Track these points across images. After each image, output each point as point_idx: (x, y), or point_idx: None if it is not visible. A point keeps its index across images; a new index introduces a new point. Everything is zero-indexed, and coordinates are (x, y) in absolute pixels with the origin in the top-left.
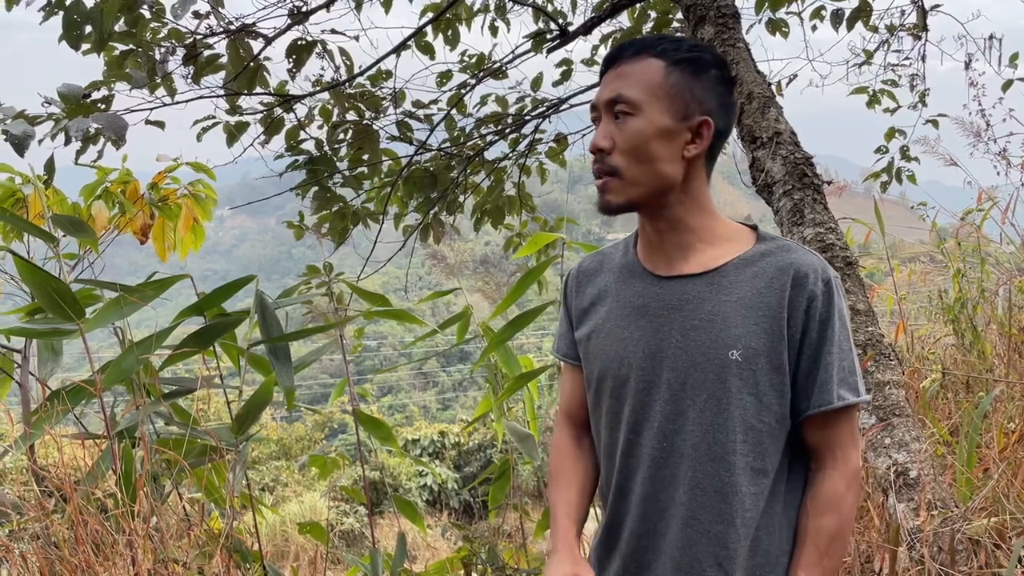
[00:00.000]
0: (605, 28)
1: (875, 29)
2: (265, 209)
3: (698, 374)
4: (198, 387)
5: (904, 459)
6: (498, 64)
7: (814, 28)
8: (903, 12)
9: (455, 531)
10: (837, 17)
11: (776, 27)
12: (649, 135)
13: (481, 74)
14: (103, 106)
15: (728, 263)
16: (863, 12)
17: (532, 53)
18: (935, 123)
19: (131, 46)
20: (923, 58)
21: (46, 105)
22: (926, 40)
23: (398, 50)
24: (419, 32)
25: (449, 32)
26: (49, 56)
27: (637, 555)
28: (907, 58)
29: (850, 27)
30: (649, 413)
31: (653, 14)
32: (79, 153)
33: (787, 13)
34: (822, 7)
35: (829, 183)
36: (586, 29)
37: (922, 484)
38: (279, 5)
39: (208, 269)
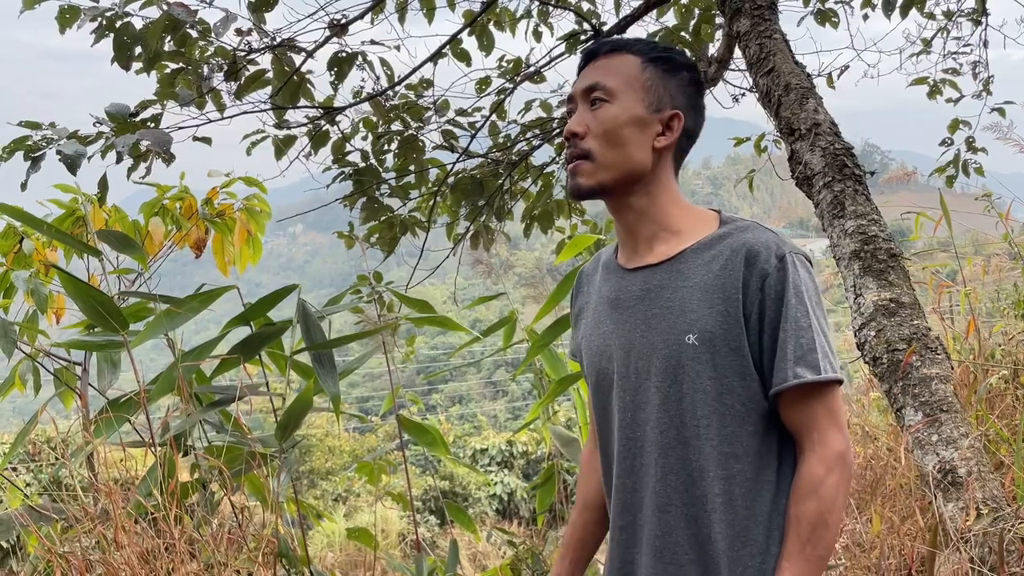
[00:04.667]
0: (650, 27)
1: (932, 16)
2: (336, 224)
3: (659, 361)
4: (238, 395)
5: (952, 456)
6: (534, 68)
7: (865, 17)
8: None
9: (500, 536)
10: (889, 5)
11: (825, 18)
12: (622, 121)
13: (519, 78)
14: (152, 124)
15: (687, 249)
16: None
17: (567, 55)
18: (1002, 111)
19: (180, 64)
20: (985, 44)
21: (97, 125)
22: (987, 25)
23: (434, 58)
24: (454, 39)
25: (484, 38)
26: (131, 85)
27: (622, 548)
28: (967, 45)
29: (904, 15)
30: (621, 404)
31: (697, 11)
32: (131, 170)
33: (836, 3)
34: None
35: (872, 173)
36: (620, 28)
37: (969, 483)
38: (316, 18)
39: (282, 285)
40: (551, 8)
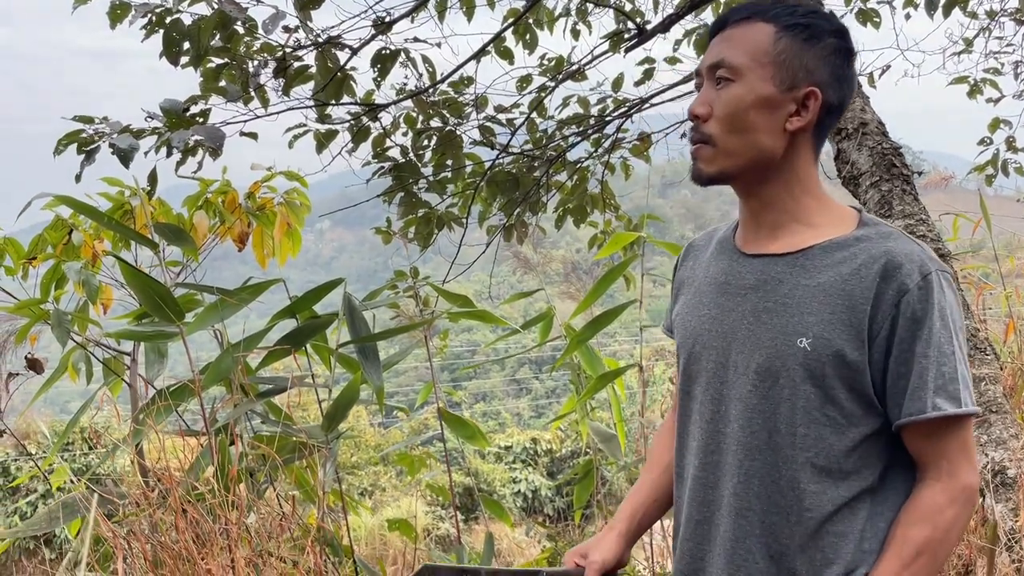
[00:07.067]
0: (689, 24)
1: (974, 15)
2: (362, 221)
3: (762, 359)
4: (289, 386)
5: (1001, 457)
6: (576, 66)
7: (907, 16)
8: None
9: (539, 531)
10: (932, 4)
11: (867, 17)
12: (748, 103)
13: (560, 77)
14: (201, 119)
15: (816, 245)
16: None
17: (610, 53)
18: None
19: (226, 60)
20: None
21: (149, 120)
22: None
23: (478, 56)
24: (498, 38)
25: (527, 36)
26: (158, 82)
27: (694, 543)
28: (1010, 44)
29: (946, 14)
30: (709, 395)
31: None
32: (179, 164)
33: (878, 3)
34: None
35: (919, 173)
36: (663, 27)
37: (1020, 483)
38: (363, 16)
39: (309, 280)
40: (591, 6)
